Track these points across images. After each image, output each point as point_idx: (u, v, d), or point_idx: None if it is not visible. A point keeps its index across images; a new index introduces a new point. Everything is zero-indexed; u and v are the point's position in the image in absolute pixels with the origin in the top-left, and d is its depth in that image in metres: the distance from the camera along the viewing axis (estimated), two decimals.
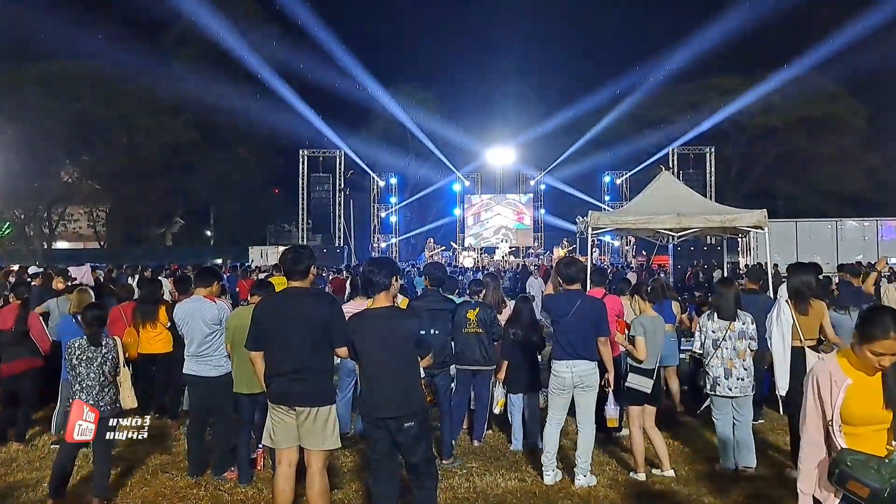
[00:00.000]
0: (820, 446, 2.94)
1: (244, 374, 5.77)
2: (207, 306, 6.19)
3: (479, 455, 6.79)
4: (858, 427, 2.87)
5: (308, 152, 38.68)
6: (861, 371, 2.90)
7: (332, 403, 4.70)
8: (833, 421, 2.87)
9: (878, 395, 2.87)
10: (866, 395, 2.87)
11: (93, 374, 5.48)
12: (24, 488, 5.91)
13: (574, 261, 6.02)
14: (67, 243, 45.01)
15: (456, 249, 36.17)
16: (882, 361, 2.81)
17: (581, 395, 5.79)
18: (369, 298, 7.57)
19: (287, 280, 4.87)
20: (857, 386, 2.87)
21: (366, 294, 7.72)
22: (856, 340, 2.90)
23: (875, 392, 2.87)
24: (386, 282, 4.62)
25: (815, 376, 2.97)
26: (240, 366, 5.84)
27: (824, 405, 2.91)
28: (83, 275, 13.20)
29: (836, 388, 2.88)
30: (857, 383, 2.88)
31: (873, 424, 2.88)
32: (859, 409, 2.86)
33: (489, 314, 7.03)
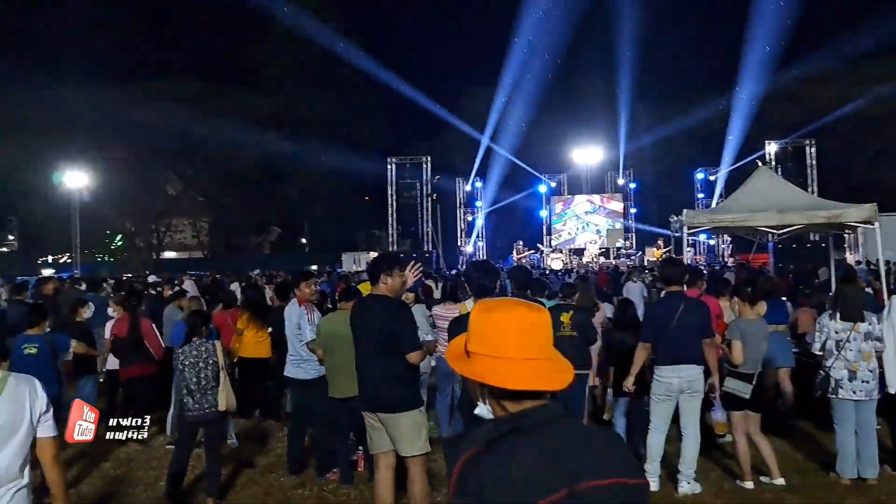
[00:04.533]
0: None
1: (337, 378, 5.91)
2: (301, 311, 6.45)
3: None
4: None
5: (395, 159, 39.27)
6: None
7: (415, 408, 4.74)
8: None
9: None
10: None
11: (195, 377, 5.74)
12: (143, 486, 6.26)
13: (674, 261, 5.92)
14: (174, 253, 47.17)
15: (543, 251, 35.93)
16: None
17: (687, 400, 5.65)
18: (457, 303, 7.69)
19: (370, 286, 5.00)
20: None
21: (454, 299, 7.84)
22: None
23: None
24: (492, 286, 4.64)
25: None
26: (332, 370, 5.99)
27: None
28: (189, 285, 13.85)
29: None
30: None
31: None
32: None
33: (583, 317, 6.99)
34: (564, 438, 1.63)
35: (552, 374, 1.66)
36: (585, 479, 1.56)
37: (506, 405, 1.67)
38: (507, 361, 1.64)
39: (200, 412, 5.73)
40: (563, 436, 1.63)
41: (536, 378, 1.63)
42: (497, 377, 1.63)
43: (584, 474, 1.57)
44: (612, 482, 1.60)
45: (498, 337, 1.67)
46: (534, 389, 1.64)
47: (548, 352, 1.69)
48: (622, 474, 1.63)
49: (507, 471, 1.54)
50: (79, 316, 8.59)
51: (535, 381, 1.63)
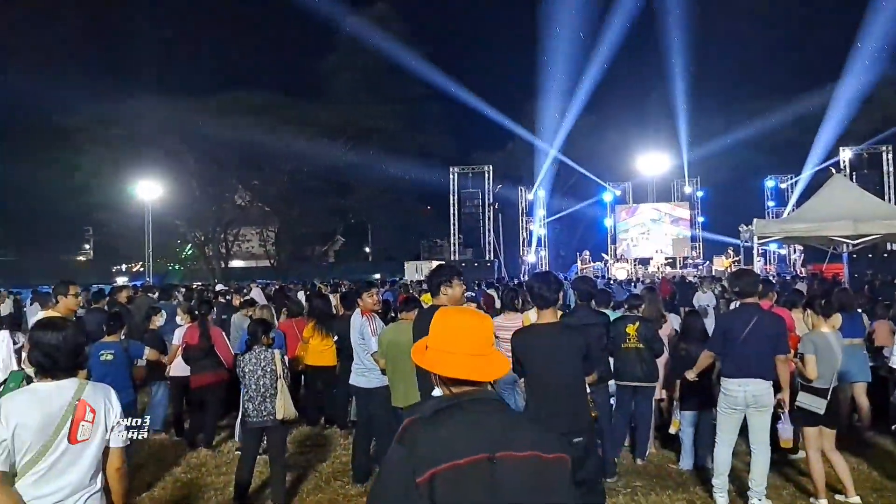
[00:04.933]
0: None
1: (399, 387, 5.95)
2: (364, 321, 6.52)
3: (642, 474, 6.62)
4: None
5: (458, 169, 39.39)
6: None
7: None
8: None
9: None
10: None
11: (254, 385, 5.85)
12: (213, 491, 6.41)
13: (748, 272, 5.77)
14: (242, 262, 48.30)
15: (608, 261, 35.48)
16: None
17: (754, 415, 5.50)
18: (518, 313, 7.66)
19: (431, 297, 5.02)
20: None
21: (514, 308, 7.81)
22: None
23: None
24: (553, 297, 4.63)
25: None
26: (394, 380, 6.03)
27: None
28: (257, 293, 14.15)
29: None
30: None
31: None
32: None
33: (650, 329, 6.88)
34: (491, 417, 1.99)
35: (485, 367, 2.05)
36: (504, 450, 1.92)
37: (451, 389, 2.06)
38: (451, 356, 2.05)
39: (260, 419, 5.84)
40: (490, 415, 2.00)
41: (471, 370, 2.03)
42: (441, 367, 2.05)
43: (504, 446, 1.93)
44: (530, 454, 1.94)
45: (447, 336, 2.11)
46: (468, 379, 2.03)
47: (486, 350, 2.09)
48: (539, 449, 1.96)
49: (438, 433, 1.94)
50: (152, 324, 8.87)
51: (469, 372, 2.03)
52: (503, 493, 1.88)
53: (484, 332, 2.12)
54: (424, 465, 1.86)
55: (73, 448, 2.90)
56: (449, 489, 1.84)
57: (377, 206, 45.08)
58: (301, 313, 9.55)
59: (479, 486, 1.87)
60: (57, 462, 2.87)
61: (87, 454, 2.95)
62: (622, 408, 6.96)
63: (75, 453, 2.91)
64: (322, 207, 42.42)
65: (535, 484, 1.94)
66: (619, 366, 6.79)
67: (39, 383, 3.01)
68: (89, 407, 3.00)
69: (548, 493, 1.95)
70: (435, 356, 2.09)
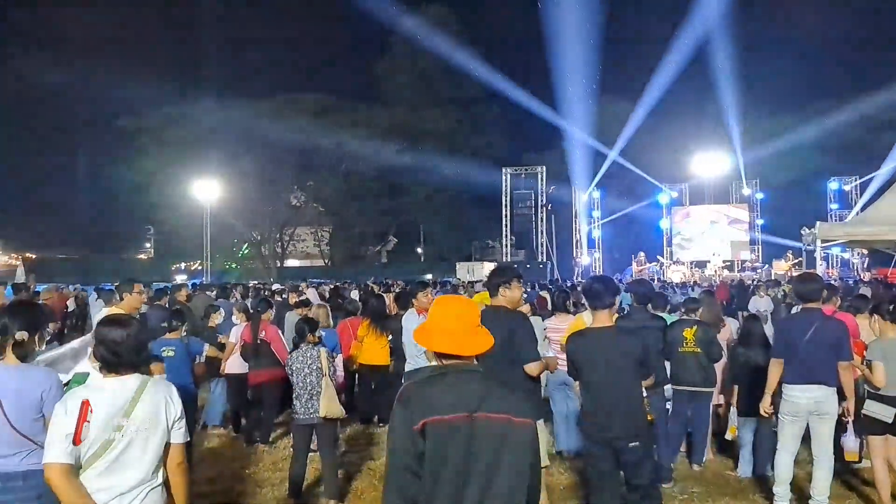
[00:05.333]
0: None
1: None
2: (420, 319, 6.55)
3: (699, 480, 6.51)
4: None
5: (510, 170, 39.29)
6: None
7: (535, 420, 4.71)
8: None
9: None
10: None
11: (301, 382, 5.92)
12: (269, 486, 6.52)
13: (811, 276, 5.62)
14: (297, 261, 49.02)
15: (663, 264, 34.94)
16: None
17: (817, 422, 5.35)
18: (570, 315, 7.60)
19: (489, 297, 5.02)
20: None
21: (566, 310, 7.76)
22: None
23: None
24: (610, 300, 4.59)
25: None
26: None
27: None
28: (311, 293, 14.33)
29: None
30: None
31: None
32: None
33: (708, 333, 6.75)
34: (472, 384, 2.52)
35: (468, 344, 2.57)
36: (482, 411, 2.43)
37: (442, 360, 2.58)
38: (440, 333, 2.58)
39: (307, 416, 5.92)
40: (471, 382, 2.53)
41: (457, 346, 2.55)
42: (434, 343, 2.58)
43: (482, 408, 2.44)
44: (503, 416, 2.45)
45: (439, 318, 2.63)
46: (453, 353, 2.55)
47: (470, 330, 2.61)
48: (511, 413, 2.47)
49: (428, 394, 2.48)
50: (211, 322, 9.08)
51: (455, 348, 2.55)
52: (478, 445, 2.40)
53: (469, 316, 2.64)
54: (418, 417, 2.41)
55: (135, 443, 2.96)
56: (436, 436, 2.39)
57: (429, 207, 45.27)
58: (356, 312, 9.64)
59: (460, 436, 2.40)
60: (119, 456, 2.93)
61: (149, 449, 3.00)
62: (678, 413, 6.85)
63: (137, 448, 2.97)
64: (375, 208, 42.82)
65: (504, 441, 2.43)
66: (675, 370, 6.68)
67: (104, 379, 3.08)
68: (151, 403, 3.05)
69: (514, 450, 2.44)
70: (429, 335, 2.61)
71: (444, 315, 2.63)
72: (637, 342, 4.60)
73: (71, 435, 2.87)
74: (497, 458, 2.40)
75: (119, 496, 2.94)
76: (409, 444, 2.40)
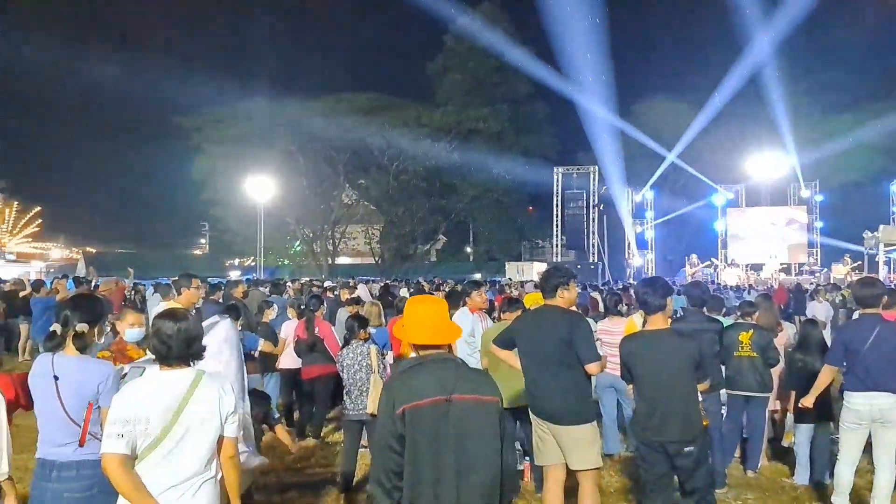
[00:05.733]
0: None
1: (501, 388, 5.92)
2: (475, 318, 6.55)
3: (754, 487, 6.38)
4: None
5: (562, 169, 39.02)
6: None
7: (588, 421, 4.69)
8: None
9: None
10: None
11: (350, 378, 5.98)
12: (321, 481, 6.61)
13: (872, 281, 5.45)
14: (348, 259, 49.50)
15: (718, 266, 34.27)
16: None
17: (880, 430, 5.19)
18: (622, 317, 7.51)
19: (542, 297, 5.00)
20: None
21: (618, 313, 7.67)
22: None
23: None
24: (662, 303, 4.53)
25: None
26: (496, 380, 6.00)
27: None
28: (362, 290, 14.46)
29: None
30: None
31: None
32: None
33: (765, 337, 6.61)
34: (447, 371, 2.94)
35: (439, 334, 3.02)
36: (457, 393, 2.87)
37: (420, 352, 3.02)
38: (417, 326, 3.02)
39: (357, 412, 5.98)
40: (446, 369, 2.95)
41: (429, 336, 2.99)
42: (411, 336, 3.03)
43: (457, 390, 2.88)
44: (473, 397, 2.91)
45: (413, 314, 3.08)
46: (428, 343, 2.99)
47: (440, 323, 3.05)
48: (479, 393, 2.94)
49: (409, 381, 2.91)
50: (265, 317, 9.23)
51: (428, 338, 3.00)
52: (453, 421, 2.83)
53: (438, 311, 3.08)
54: (398, 403, 2.83)
55: (189, 435, 2.99)
56: (414, 420, 2.81)
57: (480, 206, 45.19)
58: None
59: (435, 418, 2.83)
60: (174, 448, 2.97)
61: (202, 442, 3.04)
62: (733, 418, 6.72)
63: (191, 440, 3.00)
64: (425, 207, 42.92)
65: (475, 418, 2.89)
66: (730, 374, 6.56)
67: (160, 371, 3.13)
68: (204, 397, 3.09)
69: (483, 425, 2.90)
70: (407, 330, 3.05)
71: (419, 312, 3.07)
72: (692, 345, 4.54)
73: (128, 426, 2.93)
74: (469, 431, 2.86)
75: (173, 487, 2.99)
76: (391, 427, 2.84)
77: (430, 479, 2.81)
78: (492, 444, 2.89)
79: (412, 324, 3.03)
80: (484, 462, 2.85)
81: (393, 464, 2.83)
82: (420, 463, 2.81)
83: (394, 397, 2.86)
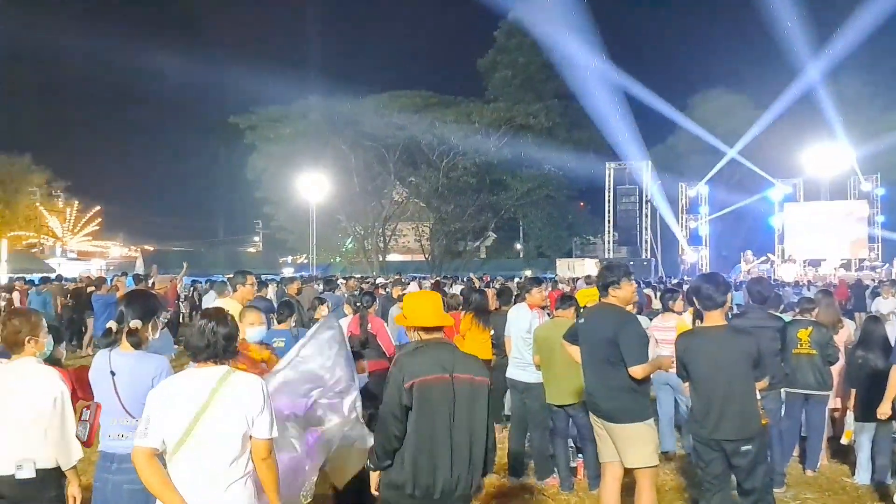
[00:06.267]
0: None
1: (553, 385, 5.99)
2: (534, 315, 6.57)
3: (813, 486, 6.26)
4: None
5: (614, 164, 38.60)
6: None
7: (642, 420, 4.65)
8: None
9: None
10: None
11: None
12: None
13: None
14: (399, 256, 49.82)
15: (774, 262, 33.51)
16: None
17: None
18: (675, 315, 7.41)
19: (599, 295, 4.98)
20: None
21: (670, 310, 7.58)
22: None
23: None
24: (723, 299, 4.47)
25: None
26: (548, 377, 6.05)
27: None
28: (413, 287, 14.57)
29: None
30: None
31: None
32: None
33: (824, 334, 6.46)
34: (445, 353, 3.48)
35: (437, 317, 3.56)
36: (456, 373, 3.39)
37: (422, 336, 3.55)
38: (417, 313, 3.56)
39: None
40: (445, 351, 3.51)
41: (430, 320, 3.53)
42: (414, 321, 3.55)
43: (455, 370, 3.40)
44: (468, 377, 3.42)
45: (415, 305, 3.63)
46: (430, 326, 3.52)
47: (437, 310, 3.59)
48: (474, 373, 3.45)
49: (415, 360, 3.44)
50: (318, 314, 9.35)
51: (430, 321, 3.53)
52: (455, 396, 3.36)
53: (434, 301, 3.64)
54: (408, 377, 3.34)
55: (213, 433, 2.99)
56: (422, 392, 3.34)
57: (530, 202, 44.97)
58: (458, 307, 9.73)
59: (441, 392, 3.36)
60: (199, 446, 2.98)
61: (228, 441, 3.01)
62: (792, 416, 6.59)
63: (216, 438, 3.00)
64: (475, 203, 42.89)
65: (470, 394, 3.40)
66: (789, 372, 6.43)
67: (192, 369, 3.17)
68: (230, 396, 3.06)
69: (475, 400, 3.41)
70: (409, 317, 3.57)
71: (419, 301, 3.65)
72: (751, 342, 4.46)
73: (156, 420, 2.98)
74: (464, 406, 3.38)
75: (200, 485, 3.00)
76: (398, 398, 3.34)
77: (429, 446, 3.32)
78: (481, 420, 3.42)
79: (414, 312, 3.57)
80: (474, 434, 3.39)
81: (396, 430, 3.35)
82: (422, 430, 3.33)
83: (403, 373, 3.37)
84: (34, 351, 3.78)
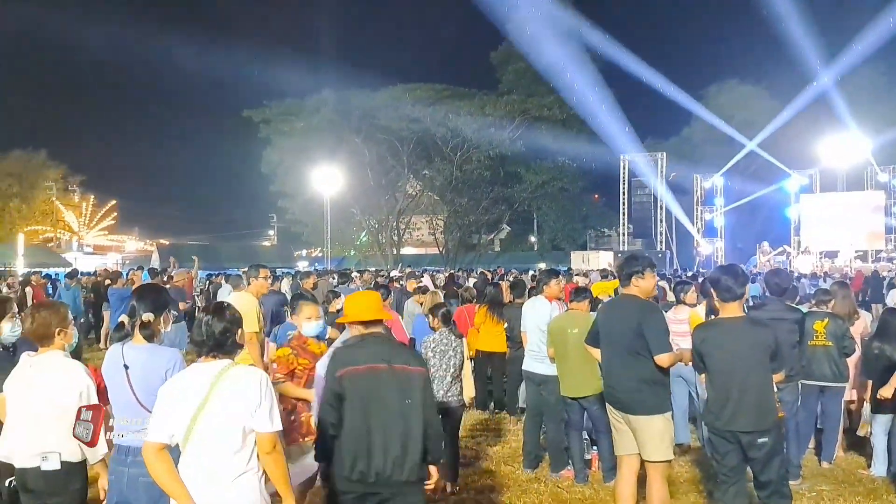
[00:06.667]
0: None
1: (568, 377, 6.00)
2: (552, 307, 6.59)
3: (829, 478, 6.24)
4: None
5: (629, 156, 38.42)
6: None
7: (660, 413, 4.65)
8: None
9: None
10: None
11: (444, 366, 6.04)
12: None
13: None
14: (413, 249, 49.85)
15: (790, 253, 33.27)
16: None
17: None
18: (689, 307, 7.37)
19: (620, 286, 4.98)
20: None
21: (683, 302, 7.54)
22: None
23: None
24: (741, 291, 4.46)
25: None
26: (563, 369, 6.06)
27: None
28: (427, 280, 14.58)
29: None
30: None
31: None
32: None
33: (840, 326, 6.44)
34: (382, 345, 3.68)
35: (375, 311, 3.76)
36: (394, 363, 3.56)
37: (361, 330, 3.76)
38: (355, 308, 3.79)
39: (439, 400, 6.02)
40: (381, 344, 3.69)
41: (363, 315, 3.75)
42: (353, 317, 3.77)
43: (392, 361, 3.57)
44: (404, 367, 3.58)
45: (353, 302, 3.85)
46: (366, 320, 3.74)
47: (375, 305, 3.80)
48: (407, 364, 3.60)
49: (348, 352, 3.65)
50: (332, 307, 9.41)
51: (365, 315, 3.75)
52: (391, 384, 3.52)
53: (371, 298, 3.86)
54: (339, 368, 3.54)
55: (214, 427, 3.01)
56: (352, 381, 3.51)
57: (544, 194, 44.87)
58: (472, 300, 9.76)
59: (372, 381, 3.52)
60: (203, 439, 3.01)
61: (228, 435, 3.04)
62: (808, 408, 6.57)
63: (217, 432, 3.02)
64: (489, 196, 42.82)
65: (405, 383, 3.54)
66: (804, 364, 6.41)
67: (198, 363, 3.19)
68: (229, 390, 3.08)
69: (409, 391, 3.54)
70: (350, 313, 3.78)
71: (357, 299, 3.88)
72: (769, 334, 4.45)
73: (165, 414, 3.03)
74: (400, 394, 3.52)
75: (204, 479, 3.02)
76: (332, 387, 3.52)
77: (363, 432, 3.46)
78: (416, 408, 3.54)
79: (353, 308, 3.81)
80: (407, 420, 3.50)
81: (332, 417, 3.53)
82: (355, 418, 3.49)
83: (335, 364, 3.58)
84: (63, 343, 3.84)
